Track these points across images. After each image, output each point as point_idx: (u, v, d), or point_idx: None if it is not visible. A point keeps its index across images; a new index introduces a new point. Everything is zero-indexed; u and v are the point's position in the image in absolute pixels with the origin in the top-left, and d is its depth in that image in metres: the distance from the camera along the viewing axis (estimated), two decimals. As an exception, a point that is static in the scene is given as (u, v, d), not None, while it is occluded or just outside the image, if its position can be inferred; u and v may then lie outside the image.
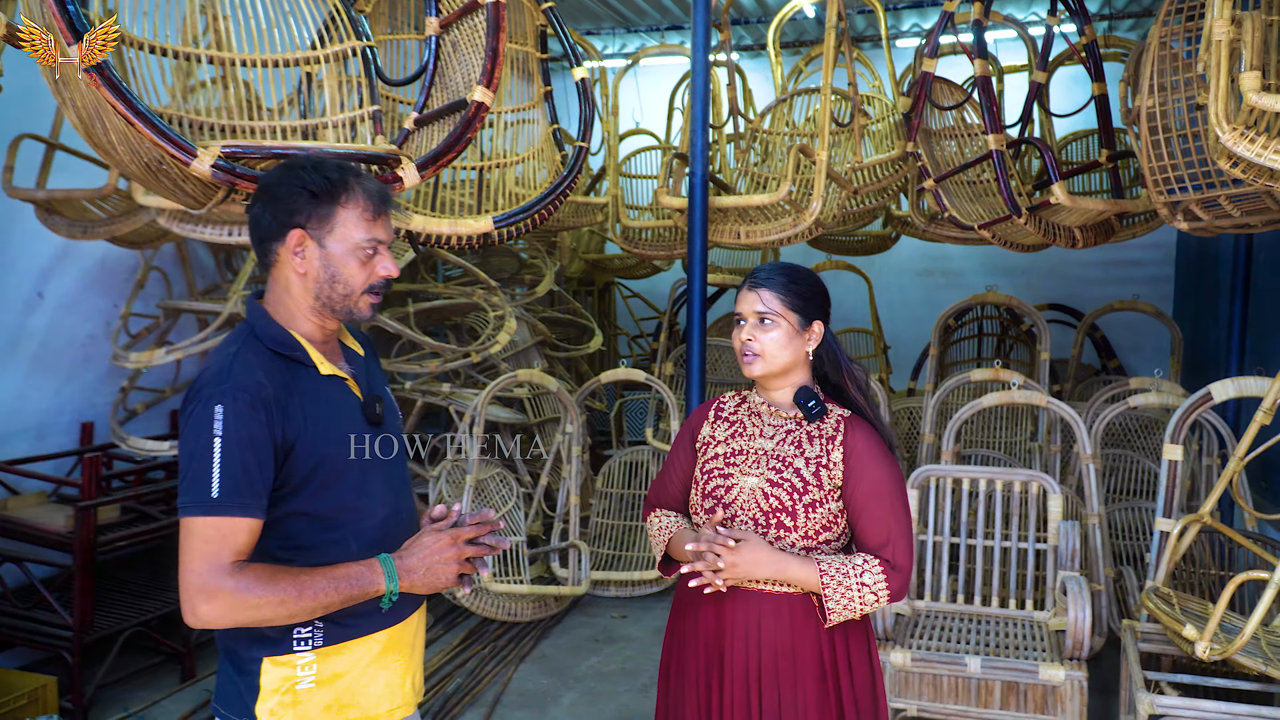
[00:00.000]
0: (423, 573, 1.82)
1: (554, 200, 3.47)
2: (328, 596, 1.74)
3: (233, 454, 1.71)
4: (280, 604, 1.70)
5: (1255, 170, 2.93)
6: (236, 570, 1.69)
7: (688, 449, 2.33)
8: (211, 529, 1.70)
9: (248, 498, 1.72)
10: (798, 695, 2.11)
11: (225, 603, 1.68)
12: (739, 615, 2.14)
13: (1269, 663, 3.27)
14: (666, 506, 2.38)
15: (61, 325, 4.93)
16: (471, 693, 4.47)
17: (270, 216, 1.85)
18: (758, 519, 2.13)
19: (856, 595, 2.06)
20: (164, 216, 3.72)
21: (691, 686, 2.21)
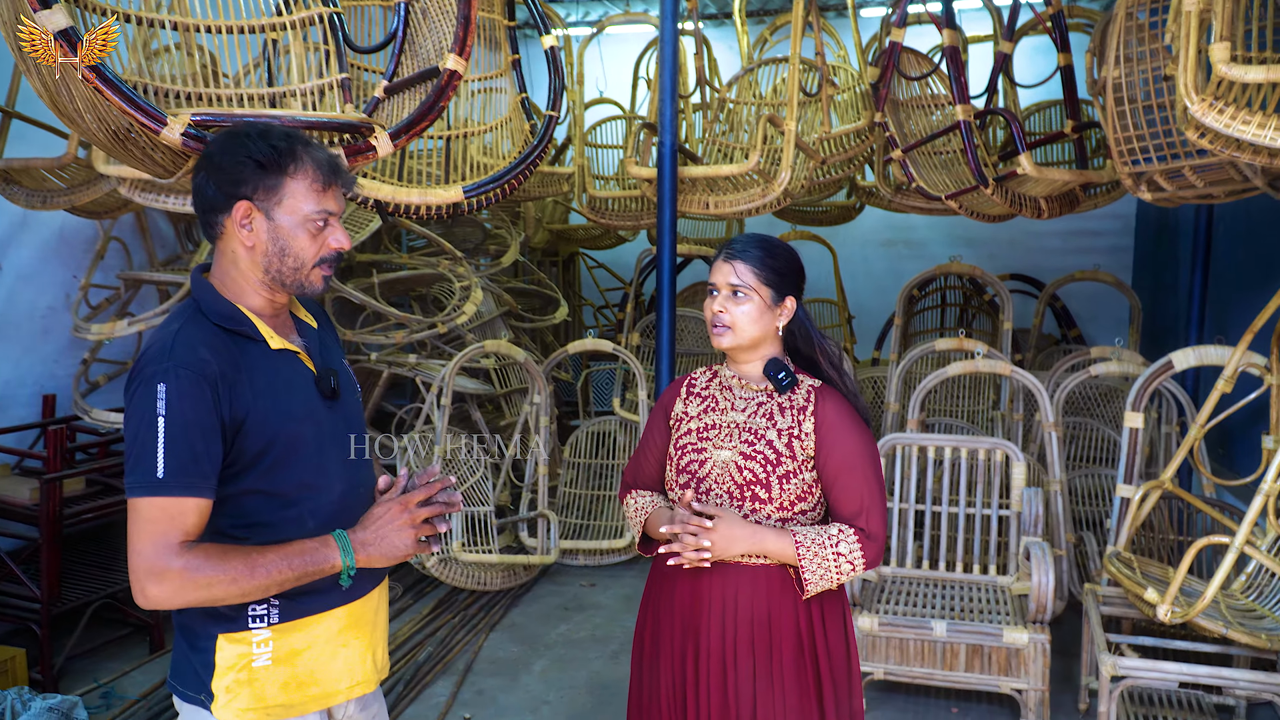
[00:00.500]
0: (378, 544, 1.78)
1: (525, 169, 3.45)
2: (281, 574, 1.71)
3: (177, 434, 1.67)
4: (232, 582, 1.67)
5: (1222, 141, 2.97)
6: (185, 550, 1.66)
7: (662, 427, 2.33)
8: (158, 510, 1.67)
9: (194, 478, 1.68)
10: (773, 666, 2.13)
11: (175, 583, 1.65)
12: (715, 589, 2.15)
13: (1229, 625, 3.36)
14: (644, 486, 2.38)
15: (20, 296, 4.84)
16: (443, 661, 4.49)
17: (215, 187, 1.79)
18: (732, 492, 2.14)
19: (833, 565, 2.08)
20: (125, 186, 3.66)
21: (667, 660, 2.22)
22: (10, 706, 3.71)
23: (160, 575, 1.65)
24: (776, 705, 2.12)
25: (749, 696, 2.12)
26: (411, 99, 2.93)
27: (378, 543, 1.78)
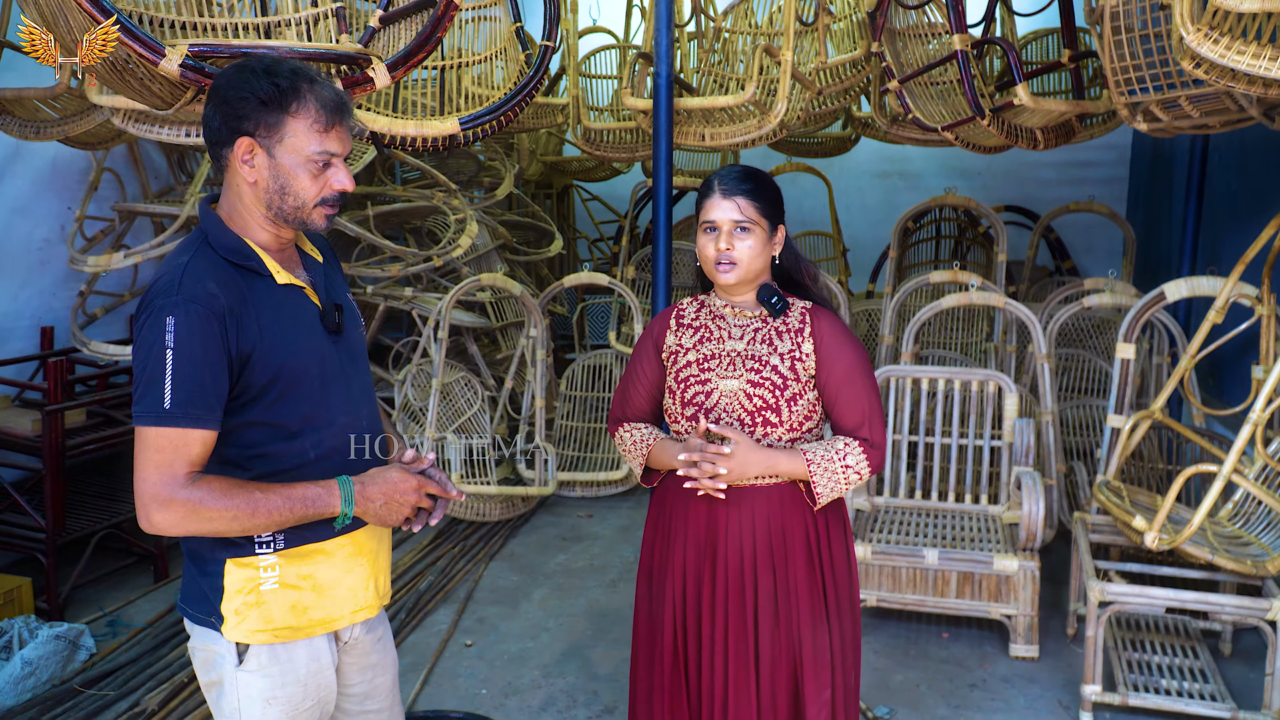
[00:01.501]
0: (380, 504, 1.84)
1: (521, 101, 3.43)
2: (281, 515, 1.75)
3: (184, 366, 1.70)
4: (233, 519, 1.72)
5: (1218, 71, 2.97)
6: (191, 481, 1.70)
7: (652, 359, 2.37)
8: (165, 439, 1.70)
9: (200, 409, 1.72)
10: (790, 577, 2.23)
11: (179, 513, 1.70)
12: (732, 510, 2.23)
13: (1215, 552, 3.43)
14: (634, 418, 2.42)
15: (16, 229, 4.82)
16: (444, 589, 4.57)
17: (220, 120, 1.80)
18: (743, 419, 2.20)
19: (841, 476, 2.18)
20: (118, 116, 3.63)
21: (675, 582, 2.29)
22: (17, 634, 3.79)
23: (165, 504, 1.70)
24: (793, 614, 2.23)
25: (769, 606, 2.22)
26: (407, 29, 2.91)
27: (381, 503, 1.84)
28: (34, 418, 4.30)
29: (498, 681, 3.78)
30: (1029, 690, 3.71)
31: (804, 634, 2.22)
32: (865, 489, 4.56)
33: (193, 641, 1.92)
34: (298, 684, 1.89)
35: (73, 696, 3.60)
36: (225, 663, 1.85)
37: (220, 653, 1.86)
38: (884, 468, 2.28)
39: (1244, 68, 2.80)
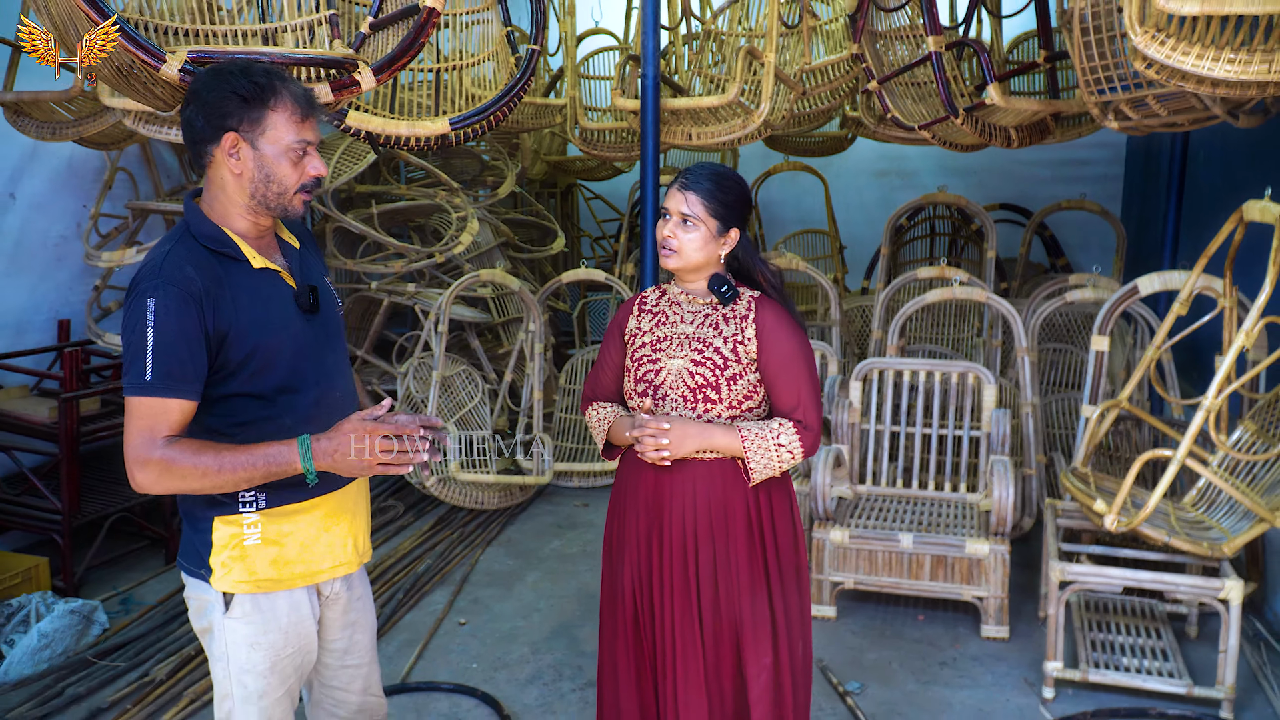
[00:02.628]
0: (336, 456, 1.93)
1: (508, 102, 3.61)
2: (247, 471, 1.90)
3: (163, 343, 1.88)
4: (203, 475, 1.89)
5: (1167, 72, 3.11)
6: (167, 443, 1.89)
7: (618, 343, 2.55)
8: (146, 407, 1.89)
9: (178, 381, 1.90)
10: (729, 548, 2.39)
11: (155, 471, 1.88)
12: (676, 483, 2.40)
13: (1172, 534, 3.58)
14: (602, 398, 2.61)
15: (34, 225, 5.04)
16: (441, 572, 4.75)
17: (203, 120, 1.97)
18: (686, 396, 2.37)
19: (775, 455, 2.34)
20: (130, 118, 3.82)
21: (631, 549, 2.46)
22: (35, 609, 3.99)
23: (144, 463, 1.89)
24: (732, 581, 2.38)
25: (709, 574, 2.38)
26: (396, 35, 3.09)
27: (333, 454, 1.92)
28: (51, 405, 4.51)
29: (488, 657, 3.96)
30: (996, 668, 3.86)
31: (743, 602, 2.38)
32: (848, 478, 4.72)
33: (187, 592, 2.12)
34: (279, 631, 2.08)
35: (86, 667, 3.80)
36: (214, 610, 2.05)
37: (210, 601, 2.06)
38: (817, 450, 2.41)
39: (1189, 68, 2.95)
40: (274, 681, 2.10)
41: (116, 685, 3.68)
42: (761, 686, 2.39)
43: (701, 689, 2.40)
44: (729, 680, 2.42)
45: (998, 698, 3.65)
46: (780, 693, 2.43)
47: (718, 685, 2.41)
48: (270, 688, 2.09)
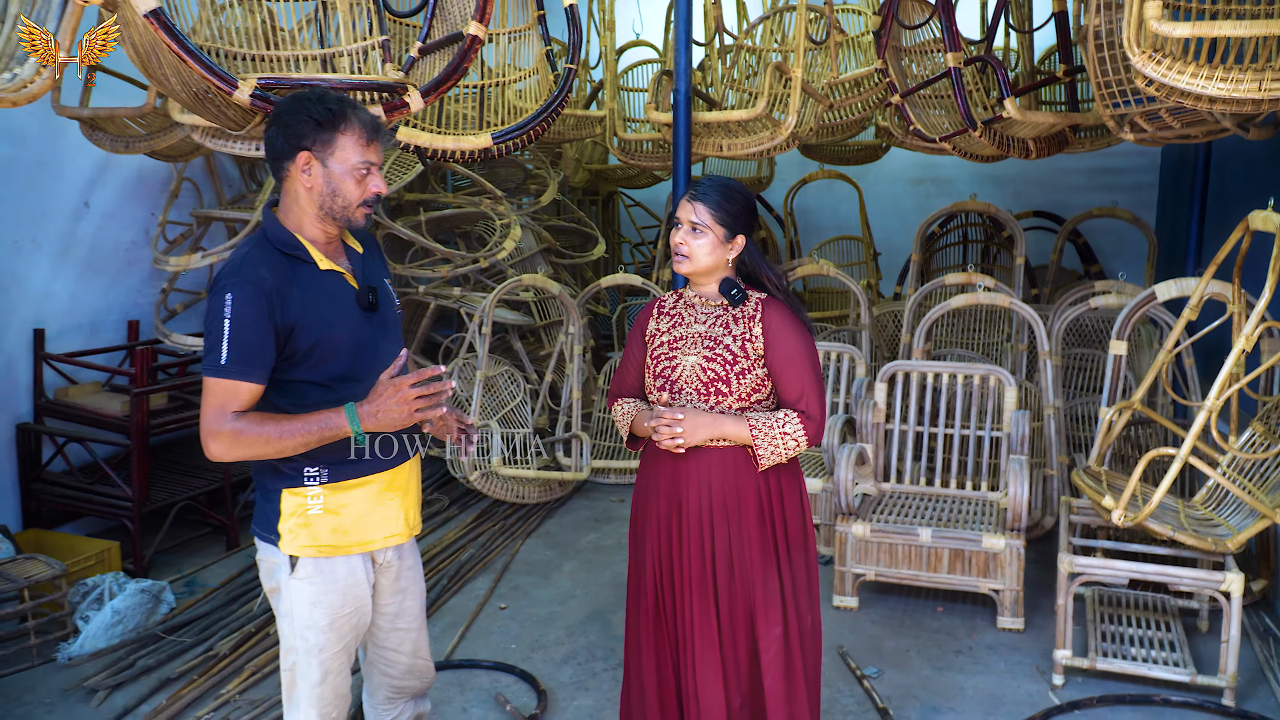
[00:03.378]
0: (376, 415, 2.18)
1: (546, 118, 3.86)
2: (304, 435, 2.18)
3: (238, 333, 2.16)
4: (266, 442, 2.17)
5: (1165, 89, 3.29)
6: (236, 417, 2.17)
7: (640, 344, 2.79)
8: (220, 387, 2.17)
9: (248, 366, 2.18)
10: (743, 529, 2.62)
11: (226, 440, 2.16)
12: (693, 469, 2.63)
13: (1178, 529, 3.73)
14: (626, 395, 2.85)
15: (106, 232, 5.38)
16: (483, 561, 5.01)
17: (283, 140, 2.26)
18: (699, 389, 2.61)
19: (781, 442, 2.56)
20: (197, 133, 4.12)
21: (653, 529, 2.70)
22: (108, 588, 4.30)
23: (216, 435, 2.17)
24: (745, 559, 2.61)
25: (724, 553, 2.62)
26: (441, 58, 3.35)
27: (376, 414, 2.19)
28: (123, 400, 4.84)
29: (526, 639, 4.20)
30: (1010, 657, 4.04)
31: (756, 577, 2.61)
32: (873, 476, 4.91)
33: (259, 555, 2.40)
34: (337, 592, 2.34)
35: (155, 641, 4.10)
36: (281, 571, 2.33)
37: (278, 563, 2.34)
38: (821, 438, 2.63)
39: (1184, 85, 3.13)
40: (333, 637, 2.36)
41: (183, 658, 3.98)
42: (772, 655, 2.61)
43: (717, 658, 2.63)
44: (743, 650, 2.65)
45: (1009, 684, 3.83)
46: (790, 661, 2.65)
47: (733, 654, 2.64)
48: (329, 643, 2.36)
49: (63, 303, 5.16)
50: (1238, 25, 2.91)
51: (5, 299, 4.79)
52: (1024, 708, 3.64)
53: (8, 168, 4.79)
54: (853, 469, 4.49)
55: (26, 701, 3.72)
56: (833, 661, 3.99)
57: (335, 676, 2.42)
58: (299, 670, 2.39)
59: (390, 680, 2.64)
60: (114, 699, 3.72)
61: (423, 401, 2.20)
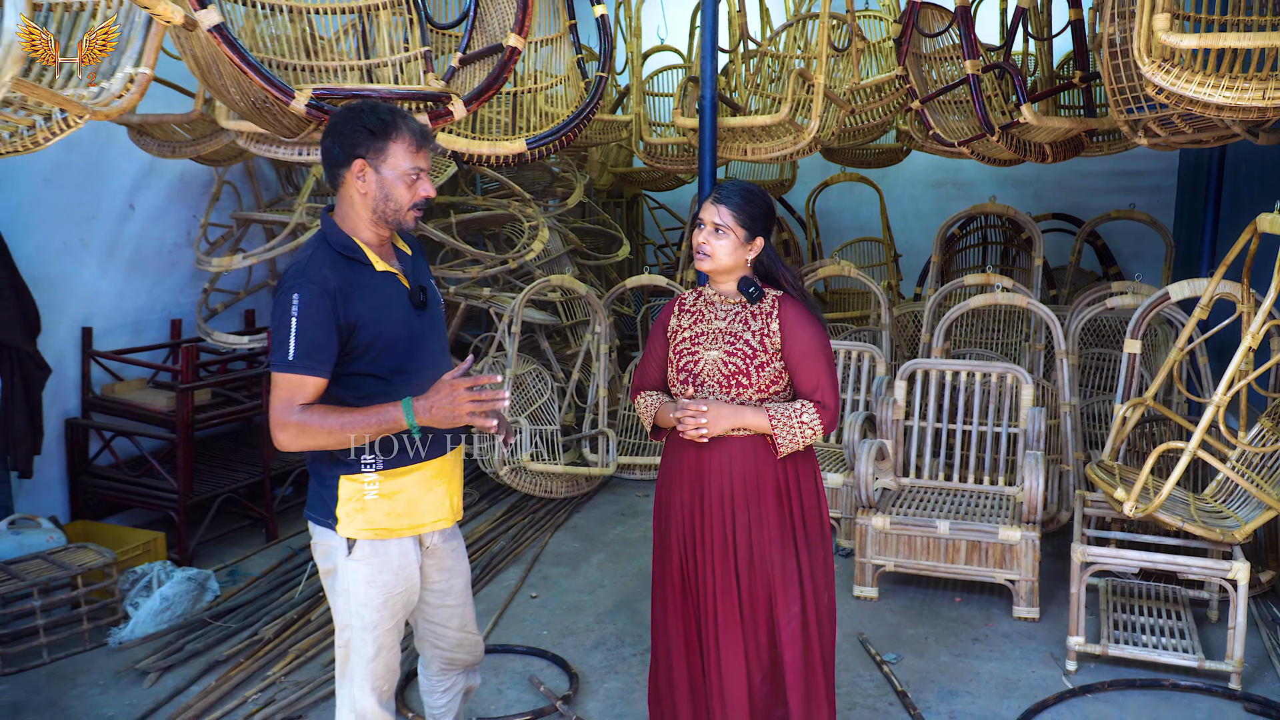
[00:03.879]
0: (432, 409, 2.35)
1: (578, 124, 4.02)
2: (364, 428, 2.35)
3: (304, 330, 2.32)
4: (329, 433, 2.33)
5: (1175, 98, 3.42)
6: (302, 410, 2.33)
7: (662, 340, 2.95)
8: (287, 381, 2.33)
9: (313, 362, 2.34)
10: (762, 513, 2.78)
11: (294, 431, 2.32)
12: (715, 456, 2.79)
13: (1186, 520, 3.86)
14: (648, 388, 3.01)
15: (150, 234, 5.58)
16: (514, 553, 5.18)
17: (339, 149, 2.42)
18: (721, 382, 2.77)
19: (798, 431, 2.72)
20: (243, 138, 4.30)
21: (677, 514, 2.86)
22: (156, 576, 4.49)
23: (284, 425, 2.33)
24: (765, 540, 2.78)
25: (745, 535, 2.78)
26: (481, 68, 3.51)
27: (431, 409, 2.35)
28: (168, 396, 5.03)
29: (557, 625, 4.36)
30: (1025, 645, 4.17)
31: (775, 557, 2.77)
32: (893, 471, 5.04)
33: (314, 539, 2.55)
34: (391, 572, 2.51)
35: (202, 626, 4.28)
36: (339, 553, 2.49)
37: (335, 546, 2.50)
38: (835, 426, 2.79)
39: (1192, 94, 3.26)
40: (385, 615, 2.53)
41: (230, 643, 4.16)
42: (792, 630, 2.77)
43: (739, 633, 2.79)
44: (763, 625, 2.80)
45: (1024, 669, 3.96)
46: (808, 638, 2.81)
47: (753, 629, 2.80)
48: (382, 619, 2.53)
49: (109, 302, 5.36)
50: (1241, 37, 3.04)
51: (55, 298, 4.98)
52: (1037, 691, 3.77)
53: (59, 172, 4.99)
54: (873, 464, 4.63)
55: (81, 683, 3.91)
56: (853, 648, 4.14)
57: (387, 652, 2.59)
58: (353, 646, 2.55)
59: (441, 653, 2.82)
60: (165, 681, 3.91)
61: (475, 406, 2.35)
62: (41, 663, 4.03)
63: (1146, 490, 3.96)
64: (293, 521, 5.55)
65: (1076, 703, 3.71)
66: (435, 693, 2.91)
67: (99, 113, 2.25)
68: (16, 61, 1.93)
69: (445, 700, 2.92)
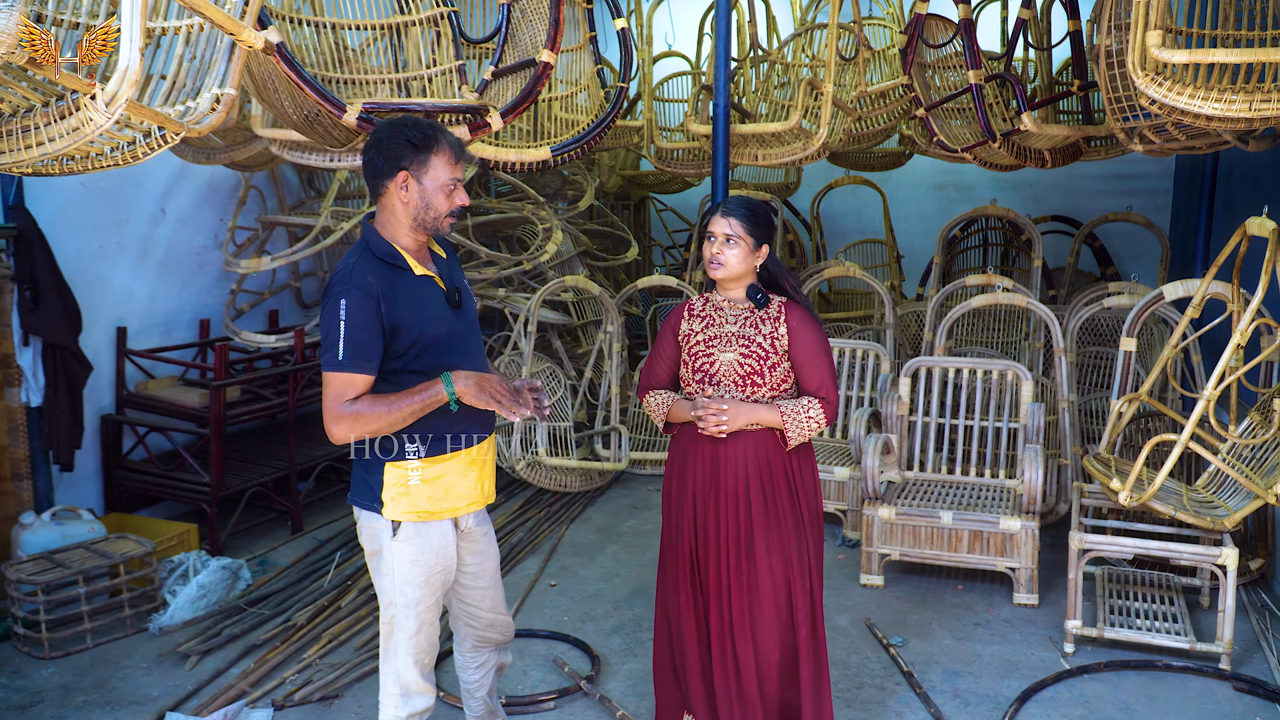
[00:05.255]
0: (472, 384, 2.56)
1: (599, 132, 4.21)
2: (410, 406, 2.54)
3: (352, 333, 2.50)
4: (379, 418, 2.52)
5: (1167, 108, 3.61)
6: (352, 404, 2.51)
7: (671, 342, 3.16)
8: (338, 380, 2.52)
9: (361, 361, 2.52)
10: (776, 496, 3.02)
11: (348, 423, 2.51)
12: (731, 449, 3.01)
13: (1178, 509, 4.06)
14: (656, 387, 3.22)
15: (180, 236, 5.78)
16: (532, 544, 5.37)
17: (383, 161, 2.60)
18: (737, 381, 3.00)
19: (806, 425, 2.98)
20: (276, 145, 4.49)
21: (689, 502, 3.07)
22: (192, 565, 4.68)
23: (338, 419, 2.52)
24: (782, 523, 3.00)
25: (762, 519, 3.00)
26: (512, 81, 3.71)
27: (473, 386, 2.56)
28: (199, 393, 5.23)
29: (577, 612, 4.56)
30: (1025, 629, 4.36)
31: (789, 539, 3.01)
32: (898, 465, 5.24)
33: (360, 523, 2.75)
34: (432, 552, 2.71)
35: (238, 613, 4.48)
36: (384, 535, 2.68)
37: (380, 529, 2.69)
38: (836, 419, 3.05)
39: (1183, 105, 3.45)
40: (426, 592, 2.72)
41: (265, 628, 4.35)
42: (806, 609, 3.02)
43: (758, 616, 3.00)
44: (784, 606, 3.02)
45: (1024, 652, 4.15)
46: (815, 614, 3.07)
47: (774, 611, 3.00)
48: (424, 597, 2.72)
49: (141, 302, 5.56)
50: (1230, 53, 3.23)
51: (92, 299, 5.17)
52: (1037, 672, 3.97)
53: (94, 177, 5.18)
54: (878, 457, 4.82)
55: (126, 666, 4.10)
56: (861, 632, 4.33)
57: (428, 628, 2.78)
58: (398, 622, 2.74)
59: (474, 631, 3.01)
60: (205, 663, 4.10)
61: (507, 400, 2.58)
62: (86, 647, 4.22)
63: (1141, 481, 4.16)
64: (317, 514, 5.74)
65: (1074, 682, 3.91)
66: (469, 669, 3.11)
67: (191, 129, 2.44)
68: (132, 85, 2.11)
69: (479, 675, 3.11)
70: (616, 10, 4.64)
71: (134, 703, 3.81)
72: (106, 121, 2.12)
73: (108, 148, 2.39)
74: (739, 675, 3.03)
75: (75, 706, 3.80)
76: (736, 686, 3.04)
